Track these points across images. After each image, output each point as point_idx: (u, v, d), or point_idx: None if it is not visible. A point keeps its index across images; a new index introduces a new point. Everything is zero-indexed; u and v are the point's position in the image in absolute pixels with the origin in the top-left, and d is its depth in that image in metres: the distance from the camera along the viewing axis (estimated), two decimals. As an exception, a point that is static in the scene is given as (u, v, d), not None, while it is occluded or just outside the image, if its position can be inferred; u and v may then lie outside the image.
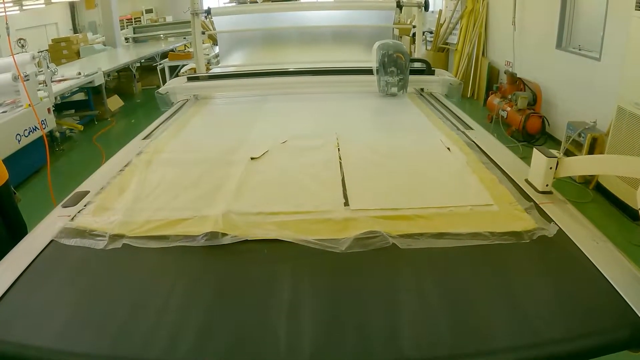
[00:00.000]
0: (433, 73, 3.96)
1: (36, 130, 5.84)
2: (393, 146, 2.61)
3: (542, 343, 1.23)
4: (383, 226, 1.67)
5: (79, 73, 8.05)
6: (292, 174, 2.22)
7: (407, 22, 10.46)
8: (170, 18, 17.63)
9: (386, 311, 1.35)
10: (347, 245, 1.60)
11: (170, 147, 2.68)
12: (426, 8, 4.52)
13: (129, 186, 2.13)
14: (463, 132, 2.74)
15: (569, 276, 1.49)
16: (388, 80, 3.59)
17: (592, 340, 1.25)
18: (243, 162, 2.34)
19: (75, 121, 8.07)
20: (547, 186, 1.93)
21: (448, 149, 2.46)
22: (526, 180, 2.03)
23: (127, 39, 13.63)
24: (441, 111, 3.26)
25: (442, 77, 3.88)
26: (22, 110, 5.76)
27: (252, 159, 2.39)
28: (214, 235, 1.66)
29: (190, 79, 4.10)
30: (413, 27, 4.75)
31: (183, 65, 9.43)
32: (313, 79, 3.98)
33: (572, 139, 5.22)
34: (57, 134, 7.09)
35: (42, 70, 6.52)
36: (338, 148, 2.50)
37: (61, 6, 15.95)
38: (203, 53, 4.88)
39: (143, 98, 10.75)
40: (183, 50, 11.52)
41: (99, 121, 8.64)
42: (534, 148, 1.99)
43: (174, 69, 9.85)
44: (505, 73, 7.61)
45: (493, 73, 8.60)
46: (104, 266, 1.62)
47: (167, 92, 3.88)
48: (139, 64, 11.12)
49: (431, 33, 10.32)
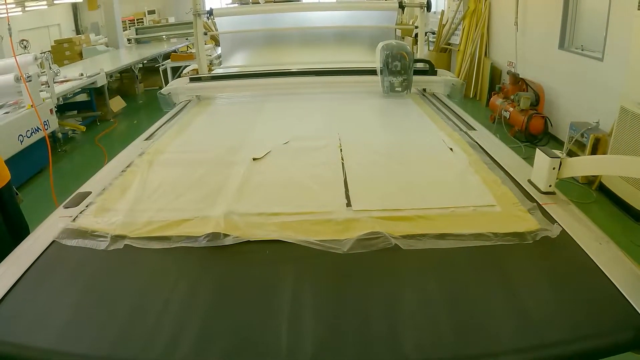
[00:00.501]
0: (435, 73, 3.97)
1: (38, 131, 5.84)
2: (395, 147, 2.61)
3: (546, 345, 1.22)
4: (385, 227, 1.67)
5: (82, 74, 8.05)
6: (294, 175, 2.21)
7: (410, 23, 10.44)
8: (172, 19, 17.64)
9: (389, 312, 1.34)
10: (350, 246, 1.59)
11: (172, 148, 2.68)
12: (428, 8, 4.51)
13: (131, 187, 2.13)
14: (466, 133, 2.74)
15: (572, 277, 1.48)
16: (392, 80, 3.60)
17: (596, 341, 1.24)
18: (245, 163, 2.34)
19: (77, 122, 8.07)
20: (550, 187, 1.92)
21: (451, 150, 2.45)
22: (529, 180, 2.03)
23: (130, 40, 13.64)
24: (444, 112, 3.26)
25: (445, 78, 3.88)
26: (25, 111, 5.76)
27: (254, 160, 2.39)
28: (216, 236, 1.65)
29: (192, 80, 4.11)
30: (415, 28, 4.76)
31: (185, 66, 9.41)
32: (315, 80, 3.99)
33: (575, 140, 5.21)
34: (60, 135, 7.10)
35: (45, 71, 6.54)
36: (340, 149, 2.50)
37: (64, 7, 15.95)
38: (205, 54, 4.88)
39: (145, 99, 10.75)
40: (185, 51, 11.53)
41: (102, 122, 8.65)
42: (537, 148, 1.99)
43: (177, 70, 9.84)
44: (507, 73, 7.59)
45: (495, 73, 8.59)
46: (106, 267, 1.61)
47: (170, 93, 3.91)
48: (142, 65, 11.11)
49: (433, 34, 10.32)
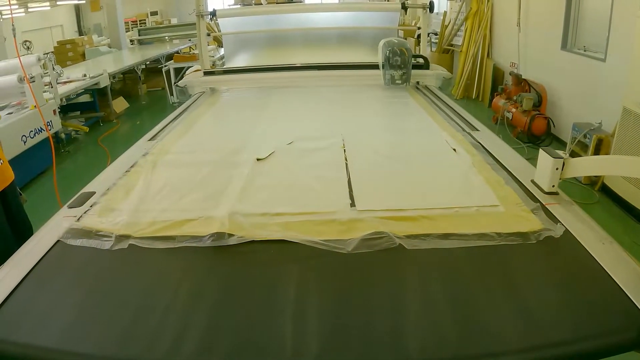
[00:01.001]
0: (429, 67, 4.38)
1: (41, 131, 5.85)
2: (399, 147, 2.62)
3: (549, 344, 1.23)
4: (389, 227, 1.68)
5: (85, 75, 8.07)
6: (298, 175, 2.22)
7: (412, 24, 10.44)
8: (175, 20, 17.71)
9: (393, 312, 1.34)
10: (354, 246, 1.60)
11: (176, 148, 2.69)
12: (431, 10, 4.55)
13: (135, 187, 2.14)
14: (469, 133, 2.75)
15: (576, 277, 1.48)
16: (392, 73, 4.01)
17: (599, 341, 1.24)
18: (249, 164, 2.35)
19: (80, 123, 8.07)
20: (554, 187, 1.93)
21: (454, 150, 2.46)
22: (532, 181, 2.03)
23: (132, 41, 13.66)
24: (446, 112, 3.27)
25: (437, 72, 4.36)
26: (28, 111, 5.77)
27: (258, 160, 2.39)
28: (220, 236, 1.66)
29: (206, 74, 4.58)
30: (418, 29, 4.79)
31: (188, 67, 9.42)
32: (320, 74, 4.34)
33: (578, 140, 5.20)
34: (63, 136, 7.11)
35: (48, 72, 6.55)
36: (344, 149, 2.51)
37: (66, 8, 16.01)
38: (208, 55, 4.90)
39: (148, 100, 10.77)
40: (188, 52, 11.53)
41: (104, 123, 8.66)
42: (540, 149, 1.99)
43: (179, 71, 9.85)
44: (510, 74, 7.58)
45: (498, 74, 8.57)
46: (110, 266, 1.62)
47: (186, 85, 4.47)
48: (144, 66, 11.11)
49: (436, 35, 10.32)
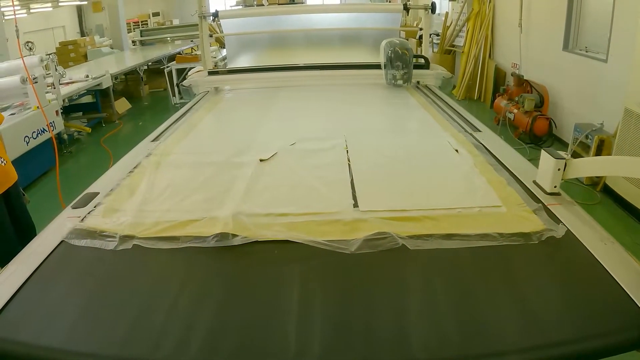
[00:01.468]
0: (429, 68, 4.42)
1: (44, 132, 5.87)
2: (401, 148, 2.62)
3: (551, 344, 1.23)
4: (392, 227, 1.68)
5: (87, 76, 8.10)
6: (301, 176, 2.22)
7: (414, 25, 10.42)
8: (177, 21, 17.71)
9: (396, 312, 1.35)
10: (357, 246, 1.60)
11: (179, 149, 2.69)
12: (433, 11, 4.55)
13: (139, 188, 2.15)
14: (471, 134, 2.75)
15: (578, 277, 1.49)
16: (394, 73, 4.04)
17: (601, 341, 1.25)
18: (252, 164, 2.35)
19: (83, 123, 8.10)
20: (555, 187, 1.93)
21: (456, 151, 2.47)
22: (534, 181, 2.04)
23: (134, 42, 13.69)
24: (448, 113, 3.27)
25: (437, 71, 4.38)
26: (30, 112, 5.79)
27: (261, 161, 2.40)
28: (224, 236, 1.67)
29: (210, 73, 4.60)
30: (420, 30, 4.78)
31: (190, 68, 9.41)
32: (323, 73, 4.39)
33: (579, 141, 5.21)
34: (65, 136, 7.14)
35: (50, 72, 6.57)
36: (347, 150, 2.51)
37: (68, 9, 16.02)
38: (210, 56, 4.92)
39: (150, 101, 10.80)
40: (190, 53, 11.54)
41: (107, 124, 8.68)
42: (542, 149, 1.99)
43: (181, 72, 9.86)
44: (512, 75, 7.59)
45: (500, 75, 8.58)
46: (114, 267, 1.62)
47: (190, 85, 4.47)
48: (146, 67, 11.14)
49: (438, 36, 10.32)
